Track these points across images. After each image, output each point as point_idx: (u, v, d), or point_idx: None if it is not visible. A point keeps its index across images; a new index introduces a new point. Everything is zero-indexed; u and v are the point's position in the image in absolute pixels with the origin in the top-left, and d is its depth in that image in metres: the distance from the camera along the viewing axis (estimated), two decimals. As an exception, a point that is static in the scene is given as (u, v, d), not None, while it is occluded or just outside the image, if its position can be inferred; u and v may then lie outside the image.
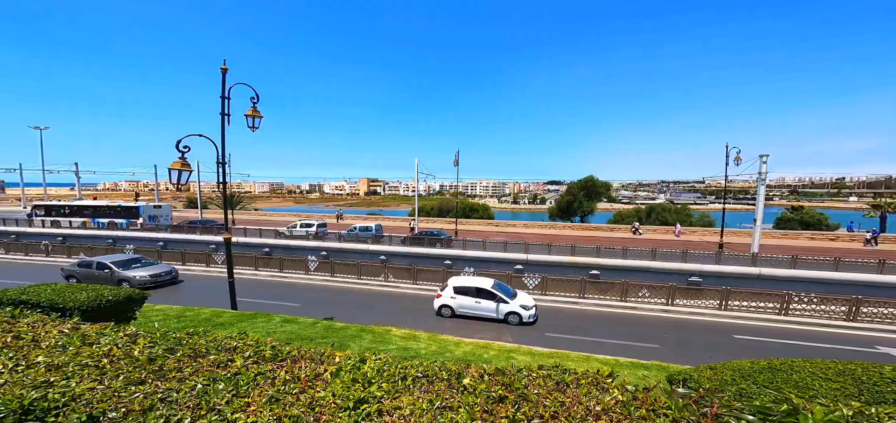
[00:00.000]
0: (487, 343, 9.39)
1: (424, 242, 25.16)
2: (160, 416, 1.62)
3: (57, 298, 4.82)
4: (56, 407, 1.59)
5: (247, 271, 19.95)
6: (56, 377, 1.74)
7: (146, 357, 1.95)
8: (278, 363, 2.19)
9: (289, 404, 1.80)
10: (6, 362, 1.79)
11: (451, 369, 2.31)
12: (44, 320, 2.30)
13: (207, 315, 9.33)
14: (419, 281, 18.31)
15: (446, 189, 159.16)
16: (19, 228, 31.13)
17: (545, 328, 12.70)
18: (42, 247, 23.54)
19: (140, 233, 28.61)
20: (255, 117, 10.18)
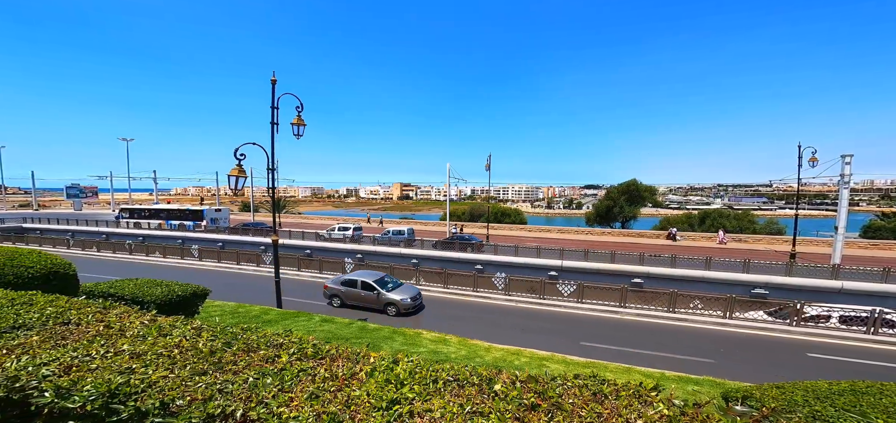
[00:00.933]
0: (519, 350, 9.16)
1: (455, 246, 25.23)
2: (218, 406, 1.78)
3: (138, 292, 5.57)
4: (136, 393, 1.83)
5: (291, 271, 21.40)
6: (137, 364, 2.01)
7: (208, 350, 2.19)
8: (318, 360, 2.33)
9: (327, 401, 1.90)
10: (98, 348, 2.11)
11: (481, 373, 2.30)
12: (128, 312, 2.68)
13: (257, 312, 10.16)
14: (450, 285, 18.37)
15: (477, 194, 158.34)
16: (109, 228, 36.36)
17: (580, 337, 12.11)
18: (126, 246, 27.30)
19: (204, 234, 32.03)
20: (300, 125, 10.97)
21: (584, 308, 15.66)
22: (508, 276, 17.89)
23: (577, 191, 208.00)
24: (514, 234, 38.75)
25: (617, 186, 55.35)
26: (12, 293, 2.81)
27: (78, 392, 1.81)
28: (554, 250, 23.56)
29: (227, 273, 21.64)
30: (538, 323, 13.76)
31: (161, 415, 1.80)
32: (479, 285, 17.85)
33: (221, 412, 1.77)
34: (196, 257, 24.84)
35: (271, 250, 22.70)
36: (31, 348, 2.07)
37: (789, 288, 17.57)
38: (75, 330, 2.30)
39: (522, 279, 17.79)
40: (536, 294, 16.88)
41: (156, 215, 38.49)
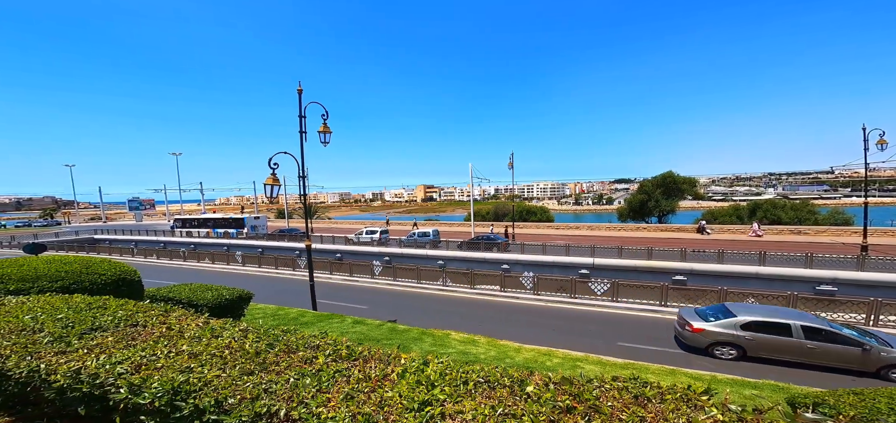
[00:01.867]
0: (550, 350, 8.92)
1: (480, 246, 25.07)
2: (264, 405, 1.90)
3: (192, 296, 6.11)
4: (194, 390, 2.01)
5: (323, 274, 22.38)
6: (194, 363, 2.20)
7: (254, 351, 2.35)
8: (352, 362, 2.41)
9: (362, 401, 1.96)
10: (162, 349, 2.34)
11: (513, 375, 2.26)
12: (185, 315, 2.95)
13: (294, 315, 10.72)
14: (477, 285, 18.28)
15: (501, 193, 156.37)
16: (165, 237, 40.15)
17: (618, 337, 11.56)
18: (180, 253, 29.99)
19: (245, 241, 34.41)
20: (326, 133, 11.46)
21: (620, 307, 14.94)
22: (536, 275, 17.48)
23: (606, 186, 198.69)
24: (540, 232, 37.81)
25: (651, 179, 52.15)
26: (89, 298, 3.20)
27: (147, 389, 2.02)
28: (584, 247, 22.70)
29: (267, 277, 23.06)
30: (569, 323, 13.32)
31: (216, 412, 1.94)
32: (506, 285, 17.61)
33: (267, 411, 1.89)
34: (239, 262, 26.74)
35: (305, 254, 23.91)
36: (107, 348, 2.34)
37: (862, 284, 15.60)
38: (142, 332, 2.58)
39: (551, 278, 17.30)
40: (567, 293, 16.34)
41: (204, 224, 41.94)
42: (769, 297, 13.37)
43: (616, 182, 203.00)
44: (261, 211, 57.96)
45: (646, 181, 53.88)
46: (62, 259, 5.13)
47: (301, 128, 11.23)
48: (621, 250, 21.37)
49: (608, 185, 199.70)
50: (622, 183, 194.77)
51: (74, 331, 2.49)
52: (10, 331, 2.49)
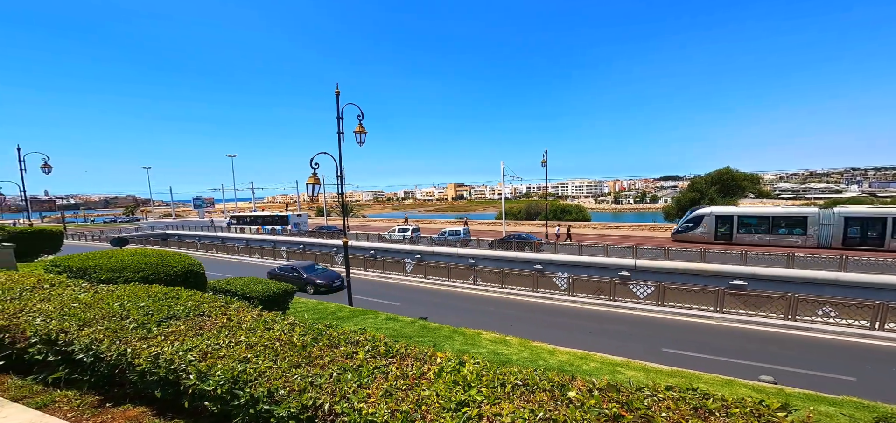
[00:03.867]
0: (587, 354, 8.53)
1: (512, 245, 24.62)
2: (310, 398, 2.01)
3: (246, 289, 6.70)
4: (251, 380, 2.17)
5: (358, 271, 23.36)
6: (250, 354, 2.39)
7: (300, 344, 2.51)
8: (390, 358, 2.47)
9: (400, 399, 1.99)
10: (224, 338, 2.59)
11: (553, 378, 2.18)
12: (242, 307, 3.24)
13: (332, 309, 11.30)
14: (508, 285, 17.98)
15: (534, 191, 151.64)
16: (223, 233, 44.37)
17: (663, 343, 10.77)
18: (235, 248, 33.01)
19: (289, 237, 37.00)
20: (361, 133, 11.92)
21: (666, 312, 13.87)
22: (571, 276, 16.78)
23: (650, 183, 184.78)
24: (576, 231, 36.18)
25: (704, 176, 47.62)
26: (165, 288, 3.64)
27: (212, 377, 2.23)
28: (625, 248, 21.36)
29: (308, 271, 24.52)
30: (607, 326, 12.66)
31: (268, 402, 2.08)
32: (539, 286, 17.12)
33: (313, 403, 1.99)
34: (285, 258, 28.79)
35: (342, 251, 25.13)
36: (179, 335, 2.64)
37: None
38: (208, 321, 2.87)
39: (587, 280, 16.52)
40: (605, 296, 15.51)
41: (254, 221, 45.76)
42: (848, 305, 11.63)
43: (662, 179, 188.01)
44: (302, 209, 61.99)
45: (698, 178, 49.32)
46: (142, 252, 5.89)
47: (339, 129, 11.77)
48: (668, 251, 19.79)
49: (653, 182, 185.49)
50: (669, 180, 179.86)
51: (153, 318, 2.85)
52: (103, 316, 2.90)
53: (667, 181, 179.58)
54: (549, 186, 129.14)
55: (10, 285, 3.73)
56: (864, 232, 21.54)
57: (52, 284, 3.80)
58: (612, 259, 20.54)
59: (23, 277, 4.12)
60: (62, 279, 4.05)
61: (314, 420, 2.01)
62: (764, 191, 56.80)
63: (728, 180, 44.75)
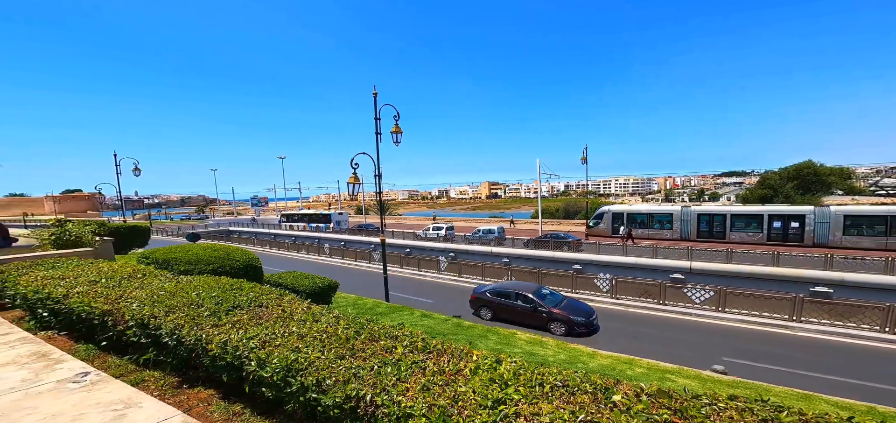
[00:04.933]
0: (632, 359, 8.01)
1: (549, 245, 23.81)
2: (354, 389, 2.13)
3: (295, 283, 7.31)
4: (301, 369, 2.35)
5: (394, 268, 24.16)
6: (301, 344, 2.60)
7: (344, 337, 2.69)
8: (427, 354, 2.53)
9: (437, 394, 2.04)
10: (279, 328, 2.86)
11: (595, 381, 2.09)
12: (294, 299, 3.56)
13: (370, 305, 11.85)
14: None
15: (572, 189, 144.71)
16: (275, 230, 48.53)
17: (723, 352, 9.78)
18: (285, 244, 35.97)
19: (331, 235, 39.42)
20: (398, 133, 12.31)
21: (728, 319, 12.57)
22: (615, 277, 15.80)
23: (710, 180, 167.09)
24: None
25: (779, 171, 41.97)
26: (231, 280, 4.11)
27: (270, 364, 2.46)
28: (678, 249, 19.63)
29: (348, 269, 26.00)
30: (656, 331, 11.76)
31: (316, 391, 2.24)
32: (577, 287, 16.39)
33: (356, 394, 2.11)
34: (327, 254, 30.74)
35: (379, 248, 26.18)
36: (243, 324, 2.96)
37: None
38: (265, 312, 3.19)
39: (632, 281, 15.47)
40: (653, 299, 14.41)
41: (302, 219, 49.43)
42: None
43: (724, 175, 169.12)
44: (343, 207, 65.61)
45: (770, 174, 43.64)
46: (212, 247, 6.69)
47: (376, 129, 12.28)
48: (731, 253, 17.81)
49: (712, 179, 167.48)
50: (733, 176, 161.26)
51: (223, 308, 3.23)
52: (183, 304, 3.36)
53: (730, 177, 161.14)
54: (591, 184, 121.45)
55: (111, 274, 4.47)
56: (710, 225, 26.45)
57: (144, 274, 4.48)
58: (663, 261, 18.98)
59: (121, 267, 4.91)
60: (151, 270, 4.76)
61: (356, 410, 2.12)
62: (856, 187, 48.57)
63: (809, 175, 39.01)
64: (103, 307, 3.53)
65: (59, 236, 7.11)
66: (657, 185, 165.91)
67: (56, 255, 6.20)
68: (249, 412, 2.92)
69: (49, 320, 4.24)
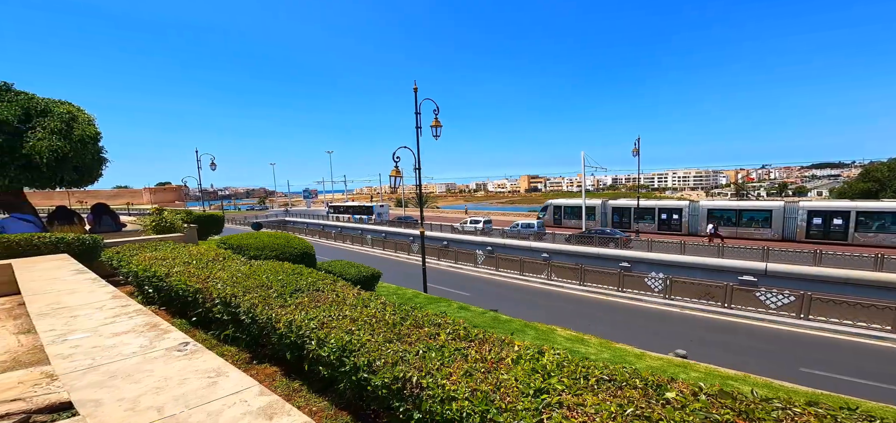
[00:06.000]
0: (686, 362, 7.41)
1: (594, 241, 22.55)
2: (401, 371, 2.28)
3: (342, 271, 7.91)
4: (354, 351, 2.57)
5: (432, 260, 24.76)
6: (354, 327, 2.83)
7: (391, 322, 2.88)
8: (469, 342, 2.62)
9: (479, 380, 2.11)
10: (334, 312, 3.15)
11: (646, 377, 2.03)
12: (347, 285, 3.90)
13: (410, 295, 12.31)
14: (587, 283, 16.65)
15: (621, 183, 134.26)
16: (323, 221, 52.37)
17: (802, 361, 8.69)
18: (331, 233, 38.68)
19: (373, 226, 41.46)
20: (437, 127, 12.53)
21: (811, 326, 11.05)
22: (669, 277, 14.56)
23: (795, 172, 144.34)
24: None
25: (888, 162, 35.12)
26: (293, 265, 4.61)
27: (327, 344, 2.72)
28: (751, 249, 17.48)
29: (387, 259, 27.22)
30: (718, 336, 10.72)
31: (367, 371, 2.43)
32: (625, 285, 15.41)
33: (403, 376, 2.26)
34: (369, 244, 32.46)
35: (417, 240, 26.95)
36: (304, 306, 3.32)
37: None
38: (321, 296, 3.55)
39: (691, 282, 14.12)
40: (716, 301, 13.08)
41: (347, 211, 52.68)
42: None
43: (813, 167, 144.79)
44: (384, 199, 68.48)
45: (877, 165, 36.49)
46: (274, 235, 7.51)
47: (416, 123, 12.61)
48: (819, 255, 15.40)
49: (798, 171, 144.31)
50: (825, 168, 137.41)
51: (287, 290, 3.65)
52: (256, 286, 3.86)
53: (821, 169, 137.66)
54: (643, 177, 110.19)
55: (199, 257, 5.26)
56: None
57: (224, 257, 5.20)
58: (731, 261, 16.99)
59: (206, 251, 5.74)
60: (228, 254, 5.51)
61: (402, 391, 2.28)
62: None
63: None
64: (196, 286, 4.19)
65: (158, 223, 8.50)
66: (726, 178, 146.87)
67: (155, 239, 7.44)
68: (306, 389, 3.29)
69: (153, 295, 5.14)
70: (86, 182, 9.18)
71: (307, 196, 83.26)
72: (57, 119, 8.08)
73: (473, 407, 1.96)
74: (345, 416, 2.99)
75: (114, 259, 5.85)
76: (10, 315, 4.34)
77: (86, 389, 2.10)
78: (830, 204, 23.53)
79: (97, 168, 9.14)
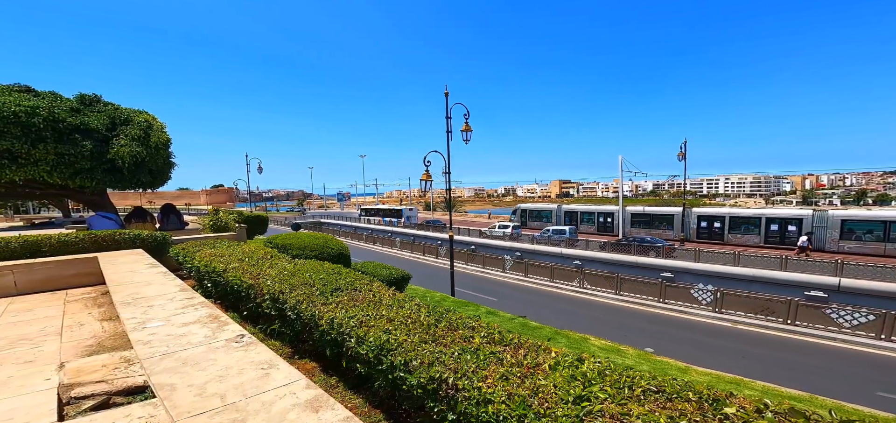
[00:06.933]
0: (740, 379, 6.79)
1: (632, 249, 21.29)
2: (437, 371, 2.31)
3: (374, 272, 8.19)
4: (391, 350, 2.64)
5: (459, 264, 24.70)
6: (390, 327, 2.90)
7: (426, 323, 2.94)
8: (504, 346, 2.59)
9: (516, 384, 2.09)
10: (371, 311, 3.26)
11: (701, 390, 1.90)
12: (382, 286, 4.04)
13: (438, 298, 12.38)
14: (623, 292, 15.74)
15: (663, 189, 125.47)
16: (355, 223, 54.40)
17: (879, 385, 7.65)
18: (362, 235, 40.08)
19: (402, 229, 42.35)
20: (467, 131, 12.60)
21: (892, 349, 9.60)
22: (720, 289, 13.37)
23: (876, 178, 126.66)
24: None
25: None
26: (332, 265, 4.86)
27: (366, 343, 2.82)
28: (822, 262, 15.62)
29: (415, 262, 27.63)
30: (777, 354, 9.73)
31: (403, 371, 2.49)
32: (667, 296, 14.36)
33: (439, 377, 2.29)
34: (398, 247, 33.19)
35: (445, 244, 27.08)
36: (344, 305, 3.48)
37: None
38: (359, 296, 3.70)
39: (747, 296, 12.87)
40: (775, 317, 11.88)
41: (377, 213, 54.33)
42: None
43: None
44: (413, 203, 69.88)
45: None
46: (314, 235, 7.99)
47: (447, 127, 12.77)
48: None
49: (880, 176, 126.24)
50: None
51: (328, 288, 3.86)
52: (300, 283, 4.12)
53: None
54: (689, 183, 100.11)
55: (250, 255, 5.73)
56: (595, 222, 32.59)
57: (271, 256, 5.62)
58: (795, 275, 15.24)
59: (255, 249, 6.24)
60: (274, 252, 5.94)
61: (438, 392, 2.31)
62: None
63: None
64: (249, 282, 4.57)
65: (215, 222, 9.38)
66: (791, 184, 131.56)
67: (212, 237, 8.21)
68: (343, 386, 3.43)
69: (210, 289, 5.67)
70: (158, 184, 10.39)
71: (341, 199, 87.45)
72: (136, 127, 9.24)
73: (511, 411, 1.95)
74: (378, 414, 3.07)
75: (180, 255, 6.55)
76: (95, 303, 5.01)
77: (162, 374, 2.35)
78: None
79: (167, 171, 10.32)
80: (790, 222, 22.90)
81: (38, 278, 5.49)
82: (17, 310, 4.64)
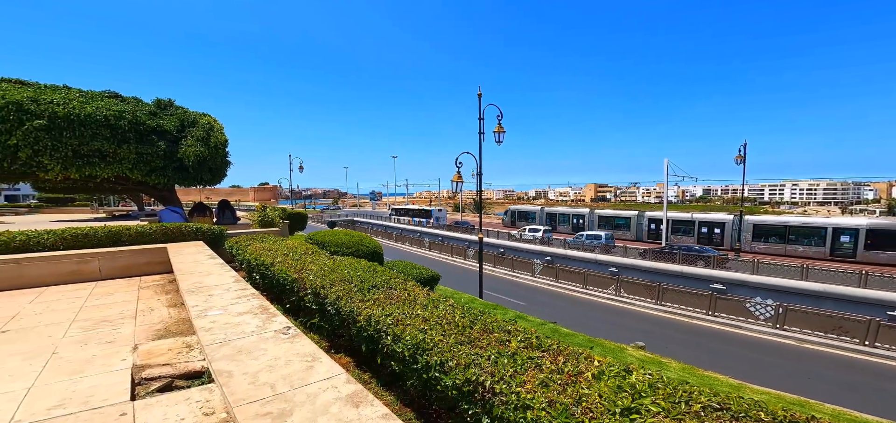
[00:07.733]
0: (806, 401, 6.09)
1: (677, 258, 19.71)
2: (473, 373, 2.28)
3: (405, 271, 8.35)
4: (426, 349, 2.64)
5: (487, 266, 24.45)
6: (426, 326, 2.91)
7: (461, 325, 2.91)
8: (542, 352, 2.50)
9: (557, 391, 2.01)
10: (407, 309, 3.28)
11: (775, 411, 1.76)
12: (416, 285, 4.11)
13: (465, 300, 12.30)
14: (664, 302, 14.67)
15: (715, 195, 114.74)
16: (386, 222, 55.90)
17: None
18: (392, 235, 41.05)
19: (431, 229, 42.82)
20: (500, 133, 12.45)
21: None
22: (783, 304, 12.01)
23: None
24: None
25: None
26: (368, 263, 5.04)
27: (402, 341, 2.84)
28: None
29: (443, 263, 27.75)
30: (848, 376, 8.59)
31: (438, 371, 2.47)
32: (717, 309, 13.15)
33: (475, 379, 2.26)
34: (426, 247, 33.56)
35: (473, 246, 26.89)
36: (380, 302, 3.57)
37: None
38: (394, 294, 3.79)
39: (814, 312, 11.43)
40: (849, 336, 10.42)
41: (407, 213, 55.40)
42: None
43: None
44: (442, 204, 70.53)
45: None
46: (349, 233, 8.33)
47: (480, 129, 12.72)
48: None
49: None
50: None
51: (365, 285, 3.99)
52: (339, 280, 4.30)
53: None
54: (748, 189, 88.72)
55: (294, 249, 6.10)
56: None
57: (313, 252, 5.95)
58: (876, 292, 13.30)
59: (298, 245, 6.63)
60: (315, 248, 6.28)
61: (473, 395, 2.26)
62: None
63: None
64: (293, 276, 4.87)
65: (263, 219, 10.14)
66: (874, 191, 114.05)
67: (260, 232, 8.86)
68: (375, 383, 3.49)
69: (258, 281, 6.10)
70: (216, 181, 11.46)
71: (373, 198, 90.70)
72: (200, 129, 10.26)
73: (551, 419, 1.88)
74: (408, 413, 3.09)
75: (233, 248, 7.15)
76: (163, 290, 5.61)
77: (221, 361, 2.52)
78: None
79: (224, 169, 11.36)
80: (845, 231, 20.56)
81: (118, 265, 6.26)
82: (101, 294, 5.31)
